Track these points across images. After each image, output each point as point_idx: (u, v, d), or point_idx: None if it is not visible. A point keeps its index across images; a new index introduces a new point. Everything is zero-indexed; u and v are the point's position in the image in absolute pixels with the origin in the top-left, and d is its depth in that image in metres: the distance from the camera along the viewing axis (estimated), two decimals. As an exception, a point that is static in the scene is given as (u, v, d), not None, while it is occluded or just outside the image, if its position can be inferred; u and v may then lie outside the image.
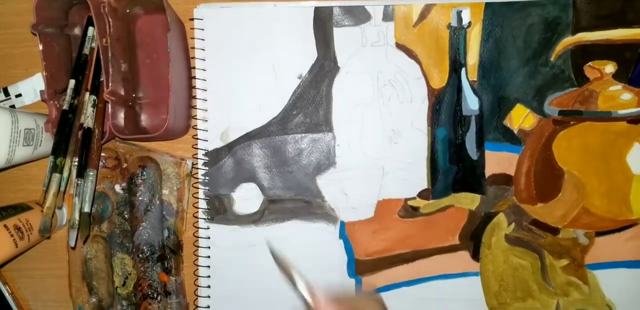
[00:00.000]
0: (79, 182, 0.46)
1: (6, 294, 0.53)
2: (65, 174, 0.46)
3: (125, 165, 0.51)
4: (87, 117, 0.47)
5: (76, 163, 0.47)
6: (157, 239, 0.50)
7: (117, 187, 0.51)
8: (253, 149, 0.51)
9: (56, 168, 0.46)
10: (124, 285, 0.51)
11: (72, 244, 0.47)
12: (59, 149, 0.46)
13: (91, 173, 0.47)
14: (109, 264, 0.51)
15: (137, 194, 0.50)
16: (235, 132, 0.51)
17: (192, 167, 0.51)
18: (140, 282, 0.50)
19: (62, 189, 0.46)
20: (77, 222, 0.46)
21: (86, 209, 0.46)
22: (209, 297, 0.51)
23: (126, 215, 0.51)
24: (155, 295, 0.50)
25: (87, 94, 0.48)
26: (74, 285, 0.52)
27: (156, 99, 0.50)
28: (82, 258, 0.52)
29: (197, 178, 0.51)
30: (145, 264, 0.50)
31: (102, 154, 0.51)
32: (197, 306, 0.51)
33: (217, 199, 0.51)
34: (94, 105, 0.47)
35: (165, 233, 0.51)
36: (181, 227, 0.52)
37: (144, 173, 0.50)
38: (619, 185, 0.50)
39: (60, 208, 0.49)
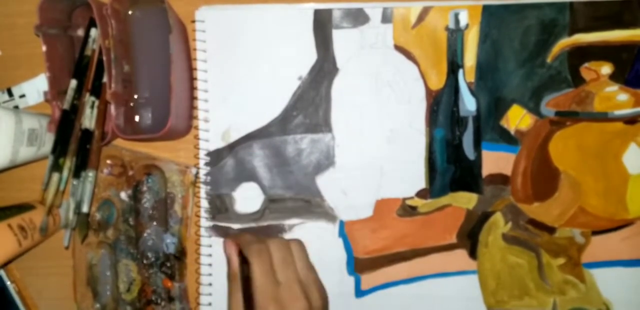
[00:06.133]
0: (75, 182, 0.47)
1: (13, 293, 0.53)
2: (65, 173, 0.47)
3: (130, 173, 0.51)
4: (86, 118, 0.47)
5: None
6: (161, 246, 0.51)
7: (123, 194, 0.52)
8: (254, 149, 0.51)
9: (56, 167, 0.46)
10: (128, 290, 0.52)
11: (65, 243, 0.47)
12: (59, 149, 0.46)
13: (90, 174, 0.47)
14: (114, 270, 0.52)
15: (142, 201, 0.50)
16: (236, 133, 0.51)
17: (196, 176, 0.52)
18: (145, 288, 0.51)
19: (62, 188, 0.47)
20: (70, 222, 0.46)
21: (84, 210, 0.47)
22: (210, 294, 0.52)
23: (131, 222, 0.52)
24: (159, 301, 0.51)
25: (88, 94, 0.48)
26: (79, 290, 0.53)
27: (158, 99, 0.51)
28: (87, 264, 0.52)
29: (199, 177, 0.52)
30: (149, 270, 0.51)
31: (108, 162, 0.52)
32: (199, 304, 0.52)
33: (218, 198, 0.51)
34: (93, 106, 0.47)
35: (170, 239, 0.51)
36: (185, 233, 0.52)
37: (149, 180, 0.50)
38: (615, 185, 0.50)
39: (59, 207, 0.50)
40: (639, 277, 0.51)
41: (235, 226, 0.52)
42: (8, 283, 0.54)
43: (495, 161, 0.51)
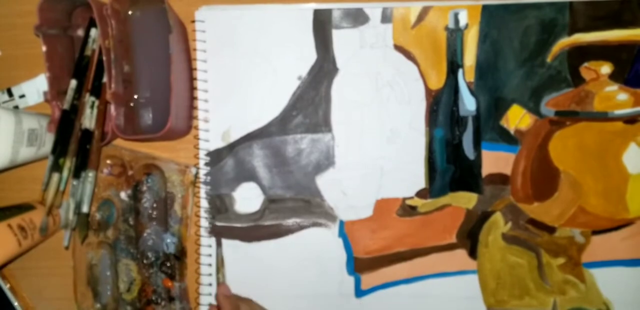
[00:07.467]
0: (75, 182, 0.47)
1: (8, 293, 0.53)
2: (65, 173, 0.47)
3: (130, 173, 0.51)
4: (86, 118, 0.47)
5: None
6: (161, 245, 0.51)
7: (123, 194, 0.52)
8: (254, 149, 0.51)
9: (56, 167, 0.46)
10: (128, 290, 0.52)
11: (65, 243, 0.47)
12: (59, 149, 0.46)
13: (90, 174, 0.47)
14: (114, 270, 0.52)
15: (142, 201, 0.50)
16: (236, 133, 0.51)
17: (196, 175, 0.52)
18: (145, 288, 0.51)
19: (62, 188, 0.47)
20: (70, 222, 0.46)
21: (84, 210, 0.47)
22: (210, 294, 0.52)
23: (131, 222, 0.52)
24: (159, 301, 0.51)
25: (87, 94, 0.48)
26: (79, 290, 0.53)
27: (158, 99, 0.51)
28: (88, 264, 0.52)
29: (199, 177, 0.52)
30: (149, 269, 0.51)
31: (108, 162, 0.52)
32: (199, 304, 0.52)
33: (218, 198, 0.51)
34: (93, 107, 0.47)
35: (170, 239, 0.51)
36: (185, 233, 0.52)
37: (149, 180, 0.50)
38: (616, 184, 0.50)
39: (59, 207, 0.50)
40: (639, 277, 0.51)
41: (236, 226, 0.52)
42: (7, 284, 0.54)
43: (495, 161, 0.51)
